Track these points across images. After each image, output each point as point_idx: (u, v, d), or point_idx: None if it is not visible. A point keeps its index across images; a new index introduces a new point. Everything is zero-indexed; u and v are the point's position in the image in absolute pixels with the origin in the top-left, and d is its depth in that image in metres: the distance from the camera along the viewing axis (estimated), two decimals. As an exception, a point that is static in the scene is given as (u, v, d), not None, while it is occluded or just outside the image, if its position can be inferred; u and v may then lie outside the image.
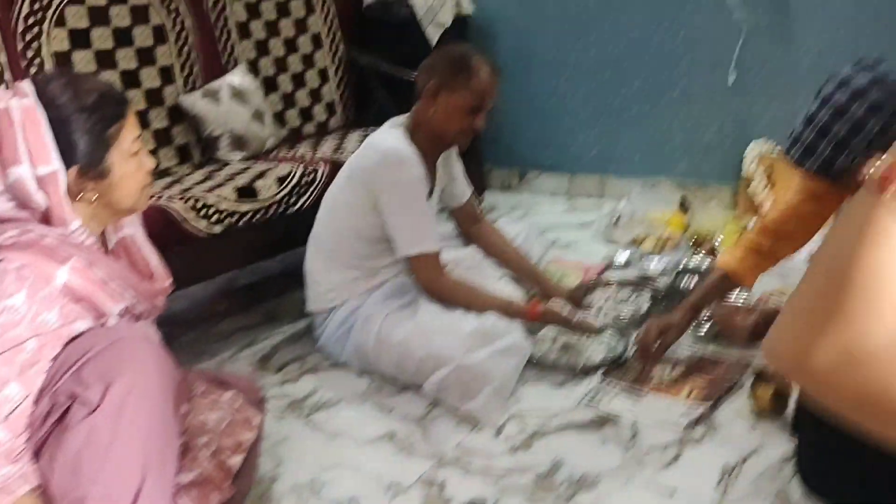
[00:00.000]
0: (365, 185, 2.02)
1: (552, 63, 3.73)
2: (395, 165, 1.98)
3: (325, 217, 2.16)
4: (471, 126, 2.03)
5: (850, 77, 1.55)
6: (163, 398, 1.22)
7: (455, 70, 1.98)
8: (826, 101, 1.57)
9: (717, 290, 1.96)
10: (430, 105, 2.01)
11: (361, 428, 1.84)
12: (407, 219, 2.00)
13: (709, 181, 3.44)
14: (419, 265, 2.02)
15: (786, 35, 3.11)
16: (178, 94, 2.67)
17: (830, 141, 1.55)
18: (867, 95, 1.52)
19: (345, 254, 2.10)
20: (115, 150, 1.31)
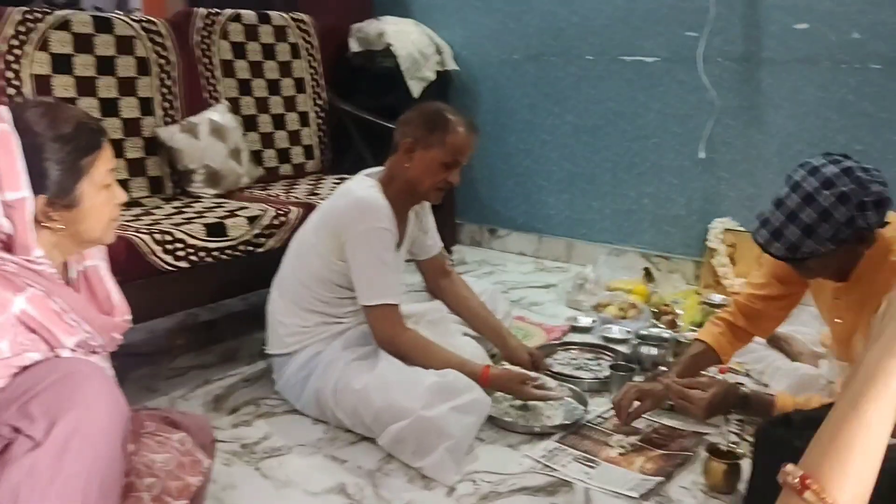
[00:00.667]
0: (333, 231, 2.03)
1: (529, 125, 3.81)
2: (365, 214, 1.99)
3: (291, 260, 2.16)
4: (445, 181, 2.06)
5: (821, 166, 1.61)
6: (109, 437, 1.19)
7: (432, 126, 2.02)
8: (796, 187, 1.62)
9: (699, 362, 2.04)
10: (405, 159, 2.04)
11: (312, 478, 1.81)
12: (371, 269, 2.00)
13: (673, 253, 3.51)
14: (378, 316, 2.01)
15: (756, 118, 3.22)
16: (156, 125, 2.67)
17: (798, 226, 1.60)
18: (836, 185, 1.57)
19: (309, 298, 2.09)
20: (86, 181, 1.30)
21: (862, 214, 1.56)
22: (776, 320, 2.05)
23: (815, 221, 1.58)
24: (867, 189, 1.56)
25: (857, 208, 1.56)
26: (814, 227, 1.58)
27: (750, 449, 1.88)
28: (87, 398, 1.16)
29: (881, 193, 1.57)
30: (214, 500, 1.68)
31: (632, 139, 3.53)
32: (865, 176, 1.57)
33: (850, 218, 1.56)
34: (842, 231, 1.57)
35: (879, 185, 1.58)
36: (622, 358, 2.46)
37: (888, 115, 2.95)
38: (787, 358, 2.26)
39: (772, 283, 1.96)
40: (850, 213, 1.56)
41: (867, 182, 1.56)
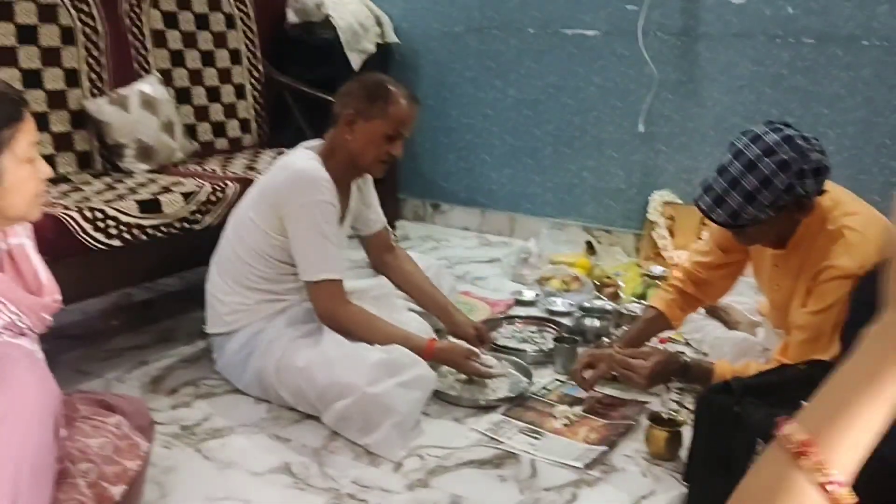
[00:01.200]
0: (273, 206, 1.98)
1: (471, 99, 3.78)
2: (305, 187, 1.94)
3: (230, 236, 2.10)
4: (387, 153, 2.02)
5: (763, 134, 1.64)
6: (40, 422, 1.14)
7: (373, 97, 1.98)
8: (738, 155, 1.64)
9: (651, 328, 2.09)
10: (346, 131, 2.00)
11: (255, 458, 1.77)
12: (312, 243, 1.95)
13: (614, 226, 3.55)
14: (320, 292, 1.97)
15: (694, 91, 3.26)
16: (83, 98, 2.55)
17: (740, 193, 1.62)
18: (777, 153, 1.60)
19: (249, 275, 2.04)
20: (7, 155, 1.22)
21: (801, 182, 1.60)
22: (722, 289, 2.10)
23: (756, 188, 1.61)
24: (807, 157, 1.59)
25: (796, 176, 1.59)
26: (755, 193, 1.61)
27: (690, 416, 1.92)
28: (14, 382, 1.11)
29: (820, 161, 1.61)
30: (155, 484, 1.64)
31: (573, 113, 3.54)
32: (805, 144, 1.61)
33: (790, 185, 1.59)
34: (781, 198, 1.61)
35: (818, 154, 1.62)
36: (566, 330, 2.48)
37: (818, 89, 3.02)
38: (725, 327, 2.31)
39: (715, 251, 2.00)
40: (790, 181, 1.59)
41: (807, 150, 1.60)
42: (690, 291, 2.07)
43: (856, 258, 1.65)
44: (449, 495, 1.64)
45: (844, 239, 1.68)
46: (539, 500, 1.64)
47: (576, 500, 1.65)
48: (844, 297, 1.66)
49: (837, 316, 1.68)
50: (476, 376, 2.06)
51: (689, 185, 3.33)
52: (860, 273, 1.64)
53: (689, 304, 2.10)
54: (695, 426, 1.57)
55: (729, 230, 1.75)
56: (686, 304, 2.09)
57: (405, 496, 1.64)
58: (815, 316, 1.71)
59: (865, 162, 3.00)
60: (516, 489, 1.68)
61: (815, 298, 1.72)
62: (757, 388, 1.49)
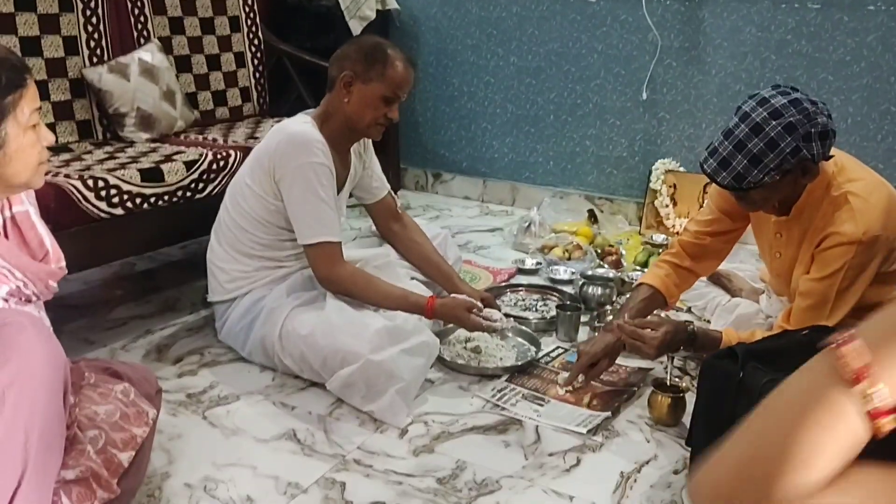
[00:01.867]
0: (268, 170, 1.96)
1: (472, 67, 3.75)
2: (298, 148, 1.92)
3: (228, 204, 2.09)
4: (385, 117, 2.00)
5: (770, 97, 1.63)
6: (48, 389, 1.14)
7: (370, 60, 1.95)
8: (745, 118, 1.63)
9: (647, 306, 2.02)
10: (343, 94, 1.98)
11: (261, 425, 1.79)
12: (308, 206, 1.94)
13: (616, 195, 3.54)
14: (317, 255, 1.96)
15: (697, 58, 3.23)
16: (82, 66, 2.53)
17: (745, 156, 1.61)
18: (783, 116, 1.59)
19: (247, 243, 2.04)
20: (10, 121, 1.21)
21: (807, 145, 1.59)
22: (719, 257, 2.09)
23: (762, 151, 1.60)
24: (813, 120, 1.58)
25: (803, 139, 1.58)
26: (760, 156, 1.60)
27: (693, 382, 1.93)
28: (23, 348, 1.11)
29: (826, 125, 1.60)
30: (162, 451, 1.65)
31: (575, 81, 3.51)
32: (812, 108, 1.60)
33: (796, 148, 1.58)
34: (787, 161, 1.60)
35: (825, 118, 1.60)
36: (568, 298, 2.49)
37: (823, 55, 3.00)
38: (727, 294, 2.32)
39: (720, 217, 1.99)
40: (796, 144, 1.58)
41: (814, 114, 1.59)
42: (686, 265, 2.04)
43: (860, 225, 1.65)
44: (454, 461, 1.66)
45: (848, 205, 1.67)
46: (543, 465, 1.65)
47: (579, 465, 1.66)
48: (847, 264, 1.67)
49: (841, 282, 1.68)
50: (477, 329, 2.02)
51: (692, 154, 3.31)
52: (864, 239, 1.64)
53: (683, 279, 2.06)
54: (698, 391, 1.58)
55: (732, 194, 1.74)
56: (680, 279, 2.06)
57: (410, 462, 1.66)
58: (819, 283, 1.71)
59: (870, 129, 2.98)
60: (521, 454, 1.69)
61: (818, 265, 1.72)
62: (760, 353, 1.50)
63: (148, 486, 1.53)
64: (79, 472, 1.27)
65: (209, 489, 1.55)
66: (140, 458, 1.43)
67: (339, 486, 1.57)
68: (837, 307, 1.70)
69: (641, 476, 1.63)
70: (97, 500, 1.29)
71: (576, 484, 1.59)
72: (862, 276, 1.68)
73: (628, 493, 1.57)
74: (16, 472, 1.09)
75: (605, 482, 1.60)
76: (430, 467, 1.64)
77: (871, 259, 1.67)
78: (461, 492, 1.56)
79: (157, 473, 1.58)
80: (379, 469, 1.63)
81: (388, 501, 1.52)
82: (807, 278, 1.75)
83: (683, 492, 1.57)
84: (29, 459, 1.10)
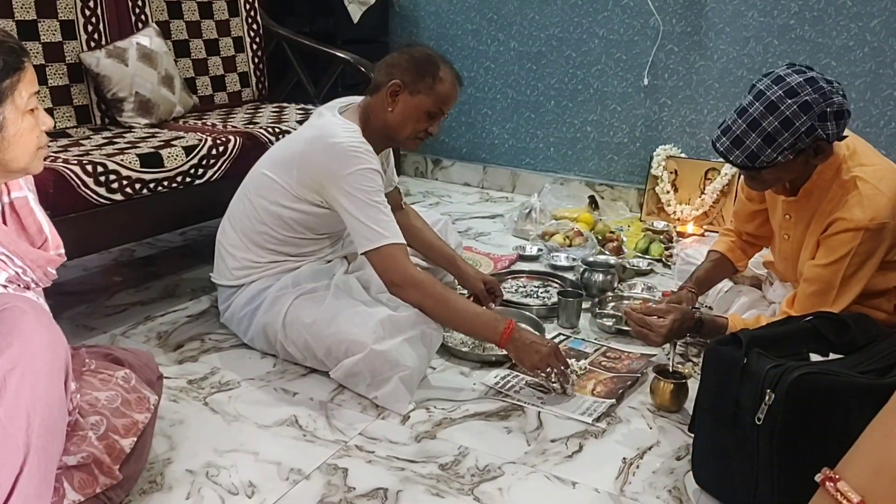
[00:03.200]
0: (309, 175, 1.90)
1: (472, 52, 3.73)
2: (351, 158, 1.85)
3: (249, 194, 2.04)
4: (425, 130, 1.97)
5: (786, 75, 1.61)
6: (49, 375, 1.13)
7: (422, 72, 1.91)
8: (759, 96, 1.62)
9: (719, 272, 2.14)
10: (388, 102, 1.93)
11: (263, 411, 1.78)
12: (367, 212, 1.85)
13: (617, 181, 3.53)
14: (383, 259, 1.86)
15: (699, 43, 3.21)
16: (80, 50, 2.51)
17: (760, 134, 1.60)
18: (799, 95, 1.57)
19: (264, 236, 2.02)
20: (8, 105, 1.20)
21: (822, 124, 1.58)
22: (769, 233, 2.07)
23: (777, 130, 1.59)
24: (829, 99, 1.57)
25: (818, 118, 1.57)
26: (775, 135, 1.59)
27: (695, 368, 1.93)
28: (24, 334, 1.10)
29: (842, 105, 1.59)
30: (163, 437, 1.65)
31: (576, 66, 3.49)
32: (828, 87, 1.58)
33: (811, 127, 1.57)
34: (802, 140, 1.59)
35: (840, 97, 1.59)
36: (570, 285, 2.48)
37: (826, 40, 2.98)
38: (730, 280, 2.31)
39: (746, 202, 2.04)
40: (812, 122, 1.57)
41: (830, 93, 1.58)
42: (746, 236, 2.11)
43: (867, 211, 1.64)
44: (456, 447, 1.66)
45: (857, 191, 1.66)
46: (546, 451, 1.65)
47: (582, 451, 1.66)
48: (853, 250, 1.66)
49: (846, 269, 1.68)
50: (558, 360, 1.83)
51: (694, 140, 3.30)
52: (871, 226, 1.63)
53: (749, 245, 2.13)
54: (701, 377, 1.57)
55: (743, 173, 1.73)
56: (747, 245, 2.12)
57: (412, 447, 1.65)
58: (824, 269, 1.70)
59: (873, 114, 2.97)
60: (523, 441, 1.69)
61: (824, 251, 1.71)
62: (763, 339, 1.49)
63: (150, 471, 1.53)
64: (80, 458, 1.27)
65: (211, 475, 1.54)
66: (142, 444, 1.43)
67: (341, 472, 1.56)
68: (842, 294, 1.70)
69: (644, 462, 1.62)
70: (99, 486, 1.29)
71: (578, 470, 1.59)
72: (868, 264, 1.67)
73: (630, 480, 1.57)
74: (18, 457, 1.08)
75: (608, 468, 1.60)
76: (432, 453, 1.63)
77: (878, 246, 1.66)
78: (463, 478, 1.55)
79: (159, 459, 1.58)
80: (381, 455, 1.62)
81: (391, 487, 1.52)
82: (812, 264, 1.74)
83: (686, 477, 1.56)
84: (31, 445, 1.10)
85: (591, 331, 2.24)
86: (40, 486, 1.12)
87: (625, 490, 1.53)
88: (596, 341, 2.15)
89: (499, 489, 1.52)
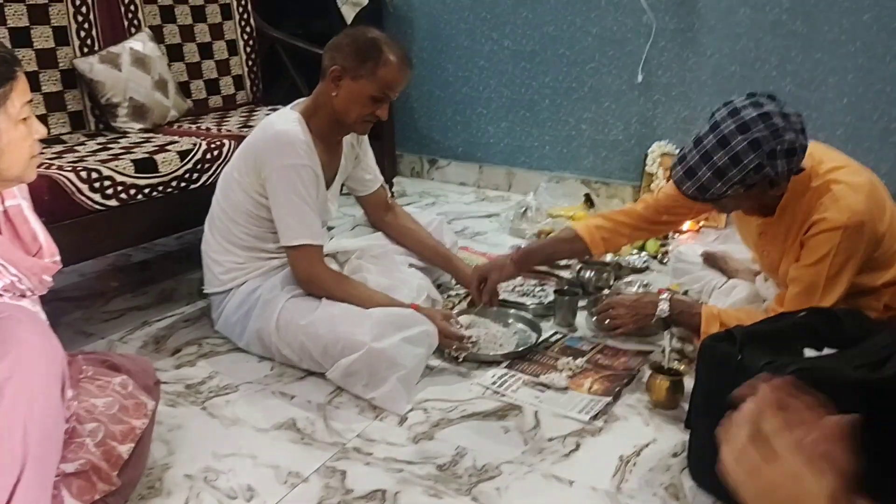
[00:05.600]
0: (254, 167, 1.94)
1: (467, 52, 3.73)
2: (282, 150, 1.90)
3: (220, 196, 2.07)
4: (371, 115, 1.96)
5: (742, 108, 1.62)
6: (46, 383, 1.14)
7: (363, 56, 1.90)
8: (714, 128, 1.63)
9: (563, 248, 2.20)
10: (332, 87, 1.94)
11: (260, 415, 1.79)
12: (289, 208, 1.92)
13: (612, 178, 3.54)
14: (298, 256, 1.95)
15: (692, 40, 3.22)
16: (73, 56, 2.51)
17: (710, 168, 1.62)
18: (751, 131, 1.58)
19: (239, 234, 2.03)
20: (1, 115, 1.20)
21: (771, 162, 1.59)
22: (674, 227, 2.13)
23: (726, 165, 1.60)
24: (780, 137, 1.58)
25: (767, 156, 1.58)
26: (724, 170, 1.61)
27: (691, 365, 1.94)
28: (19, 343, 1.10)
29: (794, 142, 1.59)
30: (161, 442, 1.65)
31: (570, 64, 3.50)
32: (782, 123, 1.58)
33: (759, 165, 1.59)
34: (750, 177, 1.61)
35: (793, 134, 1.59)
36: (566, 283, 2.49)
37: (818, 35, 2.98)
38: (723, 276, 2.32)
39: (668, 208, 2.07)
40: (759, 161, 1.59)
41: (782, 130, 1.58)
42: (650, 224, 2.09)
43: (843, 210, 1.65)
44: (453, 447, 1.66)
45: (831, 193, 1.68)
46: (543, 450, 1.66)
47: (579, 450, 1.66)
48: (834, 250, 1.67)
49: (829, 269, 1.69)
50: (447, 337, 1.94)
51: (688, 136, 3.29)
52: (848, 224, 1.64)
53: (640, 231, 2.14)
54: (696, 374, 1.58)
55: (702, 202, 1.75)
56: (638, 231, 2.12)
57: (410, 448, 1.66)
58: (808, 269, 1.72)
59: (865, 108, 2.97)
60: (520, 440, 1.69)
61: (806, 252, 1.73)
62: (758, 335, 1.50)
63: (148, 477, 1.53)
64: (79, 465, 1.27)
65: (209, 480, 1.55)
66: (140, 450, 1.43)
67: (339, 474, 1.57)
68: (827, 293, 1.70)
69: (640, 459, 1.63)
70: (97, 493, 1.30)
71: (575, 468, 1.60)
72: (850, 262, 1.68)
73: (627, 477, 1.57)
74: (15, 465, 1.09)
75: (605, 466, 1.61)
76: (430, 454, 1.64)
77: (858, 245, 1.68)
78: (461, 478, 1.56)
79: (158, 465, 1.58)
80: (379, 457, 1.63)
81: (389, 489, 1.53)
82: (796, 265, 1.75)
83: (682, 474, 1.57)
84: (28, 453, 1.10)
85: (587, 329, 2.24)
86: (38, 494, 1.12)
87: (622, 488, 1.54)
88: (593, 339, 2.16)
89: (496, 489, 1.53)
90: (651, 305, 2.00)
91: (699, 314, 1.89)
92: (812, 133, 1.69)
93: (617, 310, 2.08)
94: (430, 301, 2.17)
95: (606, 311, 2.11)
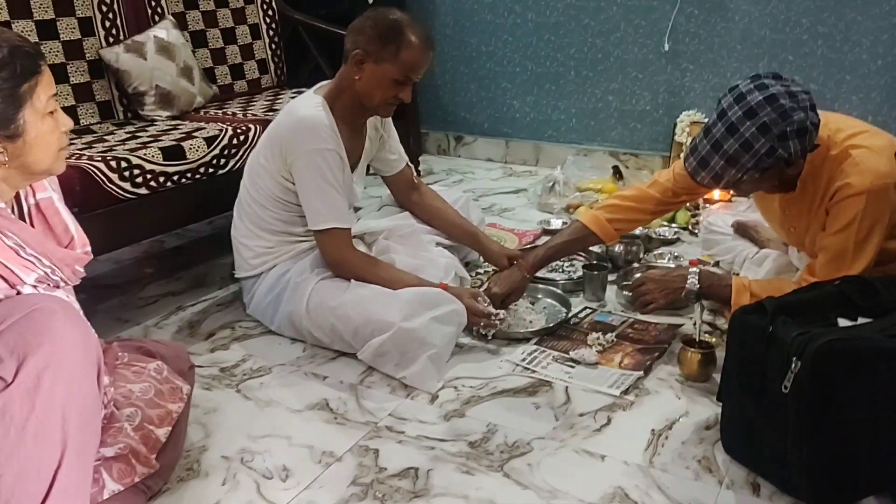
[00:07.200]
0: (280, 152, 1.95)
1: (490, 26, 3.69)
2: (307, 135, 1.90)
3: (246, 182, 2.09)
4: (395, 98, 1.96)
5: (747, 93, 1.60)
6: (82, 370, 1.17)
7: (385, 39, 1.89)
8: (722, 115, 1.61)
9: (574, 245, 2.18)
10: (355, 71, 1.93)
11: (294, 396, 1.81)
12: (316, 192, 1.93)
13: (641, 150, 3.49)
14: (327, 240, 1.96)
15: (719, 4, 3.15)
16: (99, 46, 2.54)
17: (722, 156, 1.60)
18: (758, 116, 1.56)
19: (266, 219, 2.05)
20: (28, 109, 1.22)
21: (783, 144, 1.57)
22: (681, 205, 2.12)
23: (738, 152, 1.59)
24: (789, 118, 1.55)
25: (778, 139, 1.56)
26: (736, 157, 1.59)
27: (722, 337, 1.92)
28: (56, 332, 1.13)
29: (804, 121, 1.57)
30: (198, 425, 1.69)
31: (595, 35, 3.45)
32: (789, 103, 1.56)
33: (771, 148, 1.57)
34: (763, 161, 1.59)
35: (802, 113, 1.57)
36: (595, 258, 2.47)
37: (852, -5, 2.90)
38: (755, 246, 2.28)
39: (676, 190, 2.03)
40: (771, 144, 1.57)
41: (790, 110, 1.56)
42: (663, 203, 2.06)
43: (866, 174, 1.63)
44: (484, 424, 1.67)
45: (851, 158, 1.65)
46: (574, 426, 1.66)
47: (610, 424, 1.66)
48: (860, 215, 1.64)
49: (857, 233, 1.66)
50: (475, 315, 1.93)
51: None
52: (872, 188, 1.62)
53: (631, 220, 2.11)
54: (728, 346, 1.57)
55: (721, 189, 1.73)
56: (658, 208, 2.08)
57: (441, 426, 1.67)
58: (836, 236, 1.70)
59: None
60: (551, 416, 1.70)
61: (832, 219, 1.70)
62: (790, 306, 1.48)
63: (186, 459, 1.57)
64: (118, 450, 1.31)
65: (245, 461, 1.58)
66: (177, 433, 1.47)
67: (372, 453, 1.59)
68: (857, 258, 1.68)
69: (672, 433, 1.63)
70: (137, 476, 1.33)
71: (607, 443, 1.60)
72: (877, 226, 1.66)
73: (659, 451, 1.57)
74: (56, 452, 1.12)
75: (637, 440, 1.60)
76: (461, 431, 1.65)
77: (884, 207, 1.65)
78: (493, 455, 1.57)
79: (195, 447, 1.61)
80: (411, 435, 1.65)
81: (421, 467, 1.54)
82: (824, 234, 1.73)
83: (715, 447, 1.56)
84: (68, 439, 1.13)
85: (617, 303, 2.23)
86: (79, 479, 1.16)
87: (654, 461, 1.54)
88: (623, 313, 2.15)
89: (528, 465, 1.54)
90: (681, 279, 1.99)
91: (729, 286, 1.88)
92: (846, 96, 1.66)
93: (647, 285, 2.08)
94: (458, 280, 2.17)
95: (638, 287, 2.10)
